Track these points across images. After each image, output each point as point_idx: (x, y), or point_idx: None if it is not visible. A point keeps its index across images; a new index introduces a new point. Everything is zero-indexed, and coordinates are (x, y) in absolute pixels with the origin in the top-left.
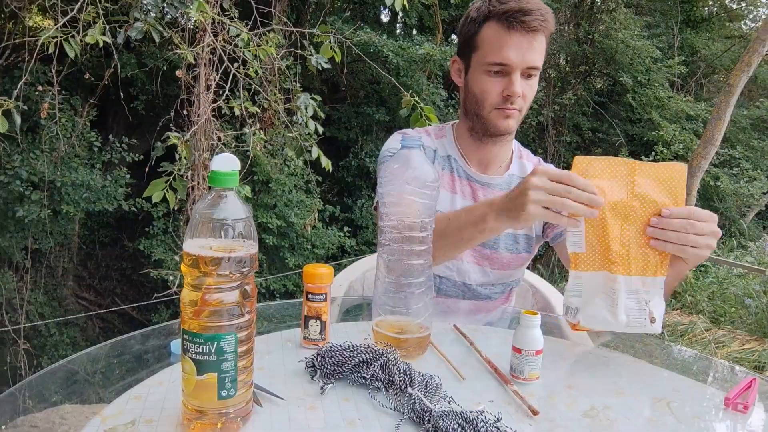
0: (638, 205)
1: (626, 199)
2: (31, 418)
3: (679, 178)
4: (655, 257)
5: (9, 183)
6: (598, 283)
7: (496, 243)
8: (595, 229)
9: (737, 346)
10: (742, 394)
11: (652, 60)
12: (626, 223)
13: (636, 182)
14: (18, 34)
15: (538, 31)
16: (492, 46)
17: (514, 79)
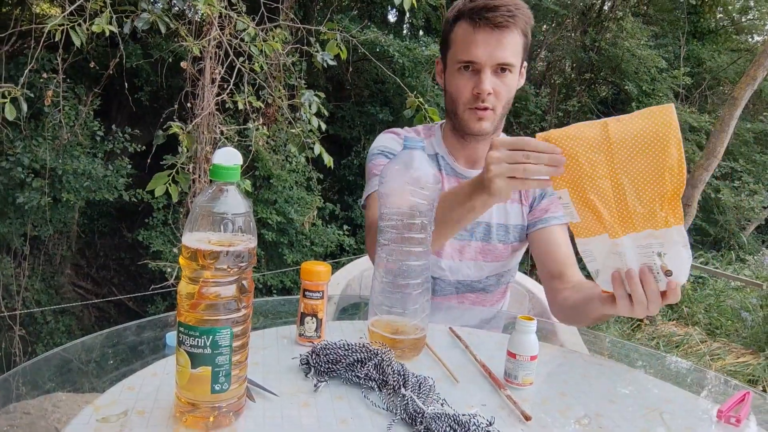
0: (624, 155)
1: (604, 155)
2: (24, 405)
3: (665, 119)
4: (662, 206)
5: (10, 169)
6: (605, 246)
7: (488, 234)
8: (580, 197)
9: (732, 359)
10: (735, 407)
11: (657, 70)
12: (615, 178)
13: (611, 134)
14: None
15: (506, 27)
16: (461, 45)
17: (483, 77)
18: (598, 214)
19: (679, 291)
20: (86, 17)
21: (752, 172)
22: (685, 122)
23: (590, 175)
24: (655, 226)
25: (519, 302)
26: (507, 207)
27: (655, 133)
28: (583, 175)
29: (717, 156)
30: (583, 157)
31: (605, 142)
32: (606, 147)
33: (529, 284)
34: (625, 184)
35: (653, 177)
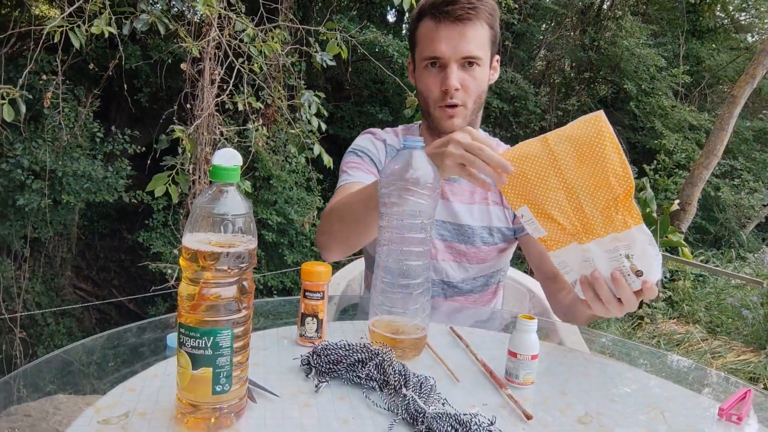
0: (568, 165)
1: (551, 167)
2: (25, 407)
3: (597, 127)
4: (617, 210)
5: (10, 171)
6: (577, 255)
7: (471, 237)
8: (540, 212)
9: (733, 357)
10: (736, 405)
11: (656, 68)
12: (568, 188)
13: (552, 147)
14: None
15: (468, 20)
16: (425, 42)
17: (449, 72)
18: (561, 226)
19: (655, 288)
20: (85, 18)
21: (752, 170)
22: (685, 121)
23: (542, 188)
24: (616, 229)
25: (519, 301)
26: (489, 209)
27: (590, 141)
28: (536, 190)
29: (717, 154)
30: (531, 172)
31: (549, 156)
32: (551, 160)
33: (530, 283)
34: (578, 193)
35: (600, 183)
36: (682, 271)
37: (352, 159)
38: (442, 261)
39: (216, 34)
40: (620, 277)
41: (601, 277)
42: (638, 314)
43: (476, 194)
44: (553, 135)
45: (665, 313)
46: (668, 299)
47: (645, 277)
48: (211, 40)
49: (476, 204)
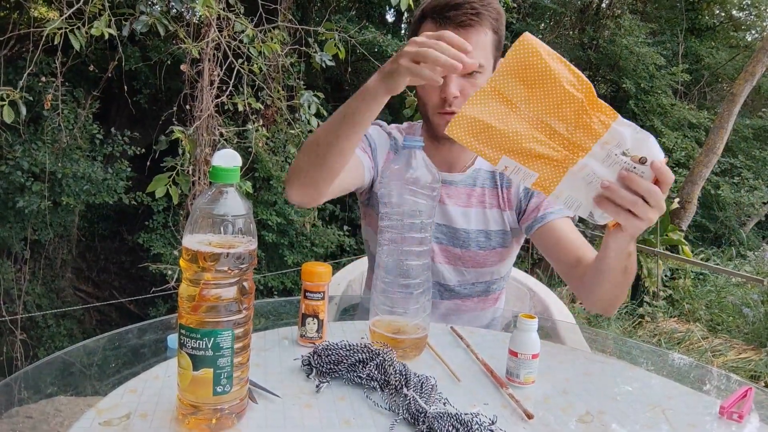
0: (522, 98)
1: (507, 107)
2: (26, 409)
3: (527, 48)
4: (590, 115)
5: (10, 173)
6: (576, 181)
7: (466, 241)
8: (520, 153)
9: (734, 355)
10: (738, 403)
11: (655, 67)
12: (535, 119)
13: (498, 88)
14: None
15: (471, 26)
16: None
17: (448, 81)
18: (547, 157)
19: (667, 168)
20: (85, 20)
21: (752, 168)
22: (684, 119)
23: (510, 131)
24: (599, 134)
25: (521, 301)
26: (486, 212)
27: (528, 64)
28: (506, 136)
29: (716, 152)
30: (492, 121)
31: (500, 99)
32: (503, 102)
33: (531, 283)
34: (545, 119)
35: (560, 98)
36: (683, 270)
37: None
38: (439, 264)
39: (215, 35)
40: (629, 174)
41: (613, 184)
42: (639, 313)
43: (473, 197)
44: (491, 80)
45: (666, 311)
46: (669, 298)
47: (650, 159)
48: (210, 41)
49: (473, 207)
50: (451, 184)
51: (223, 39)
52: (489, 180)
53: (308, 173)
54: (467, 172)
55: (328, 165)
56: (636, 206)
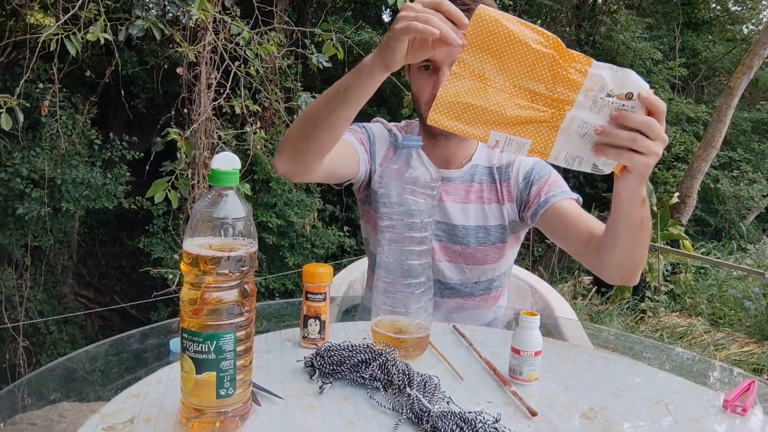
0: (494, 69)
1: (480, 83)
2: (30, 416)
3: (484, 19)
4: (564, 67)
5: (9, 180)
6: (571, 138)
7: (465, 238)
8: (506, 123)
9: (736, 349)
10: (741, 397)
11: (653, 62)
12: (514, 90)
13: (472, 70)
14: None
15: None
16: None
17: (440, 77)
18: (534, 120)
19: (655, 97)
20: (80, 26)
21: (751, 161)
22: (683, 113)
23: (493, 105)
24: (579, 83)
25: (522, 298)
26: (485, 208)
27: (491, 34)
28: (488, 109)
29: (715, 146)
30: (471, 98)
31: (473, 77)
32: (477, 79)
33: (532, 280)
34: (523, 83)
35: (531, 60)
36: (684, 264)
37: (353, 127)
38: (439, 262)
39: (212, 38)
40: (620, 112)
41: (607, 127)
42: (641, 308)
43: (471, 193)
44: (459, 60)
45: (668, 306)
46: (670, 292)
47: (637, 92)
48: (206, 44)
49: (471, 203)
50: (449, 181)
51: (220, 42)
52: (487, 175)
53: (297, 144)
54: (465, 168)
55: (317, 138)
56: (636, 142)
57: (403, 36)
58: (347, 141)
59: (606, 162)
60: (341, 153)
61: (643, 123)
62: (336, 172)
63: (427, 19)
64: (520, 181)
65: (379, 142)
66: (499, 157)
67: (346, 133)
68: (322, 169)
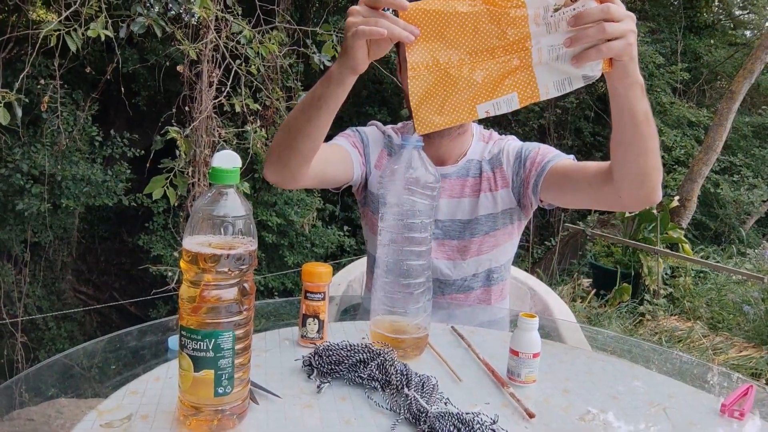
0: (446, 46)
1: (448, 74)
2: (27, 412)
3: (413, 13)
4: (503, 7)
5: (9, 176)
6: (547, 68)
7: (461, 232)
8: (488, 87)
9: (735, 353)
10: (739, 401)
11: (654, 65)
12: (472, 55)
13: (419, 57)
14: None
15: None
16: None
17: None
18: (506, 72)
19: None
20: (81, 22)
21: (751, 166)
22: (684, 117)
23: (461, 79)
24: (523, 17)
25: (521, 300)
26: (479, 200)
27: (422, 22)
28: (460, 88)
29: (716, 150)
30: (439, 88)
31: (427, 68)
32: (432, 67)
33: (531, 282)
34: (478, 47)
35: (471, 22)
36: (683, 268)
37: (347, 131)
38: (435, 259)
39: (213, 36)
40: (574, 16)
41: (571, 36)
42: (639, 311)
43: (466, 187)
44: (409, 60)
45: (666, 309)
46: (669, 296)
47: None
48: (208, 42)
49: (466, 197)
50: (445, 177)
51: (221, 40)
52: (478, 169)
53: (280, 154)
54: (459, 164)
55: (297, 147)
56: (606, 31)
57: (355, 41)
58: (339, 146)
59: (592, 66)
60: (333, 158)
61: (602, 11)
62: (329, 178)
63: (375, 22)
64: (512, 161)
65: (373, 144)
66: (490, 149)
67: (338, 138)
68: (312, 175)
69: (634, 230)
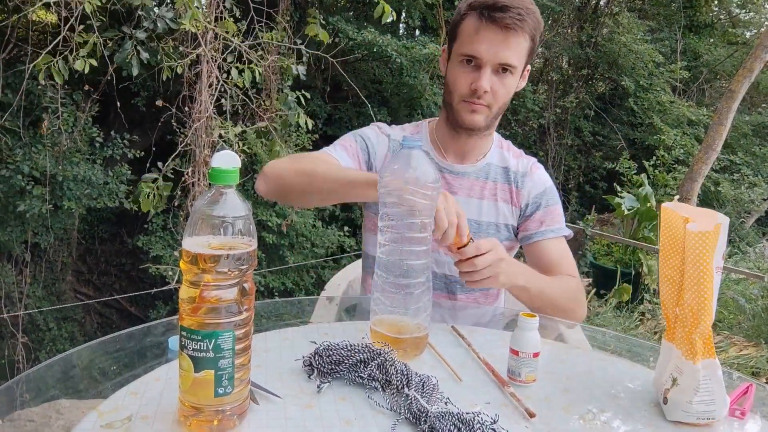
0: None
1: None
2: (28, 413)
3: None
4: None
5: (10, 177)
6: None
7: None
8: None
9: (735, 352)
10: (739, 400)
11: (654, 64)
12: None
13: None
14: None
15: (513, 29)
16: (466, 38)
17: (482, 74)
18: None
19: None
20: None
21: (751, 165)
22: (683, 116)
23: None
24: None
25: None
26: (498, 205)
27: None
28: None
29: (716, 149)
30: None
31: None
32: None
33: None
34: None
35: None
36: None
37: (347, 139)
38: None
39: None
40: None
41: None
42: (639, 310)
43: (486, 190)
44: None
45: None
46: None
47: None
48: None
49: (485, 200)
50: (464, 176)
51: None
52: (501, 175)
53: (288, 193)
54: (478, 165)
55: (306, 200)
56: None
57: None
58: (335, 159)
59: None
60: None
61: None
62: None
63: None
64: (532, 198)
65: (377, 148)
66: (515, 163)
67: (338, 149)
68: (311, 204)
69: (634, 229)
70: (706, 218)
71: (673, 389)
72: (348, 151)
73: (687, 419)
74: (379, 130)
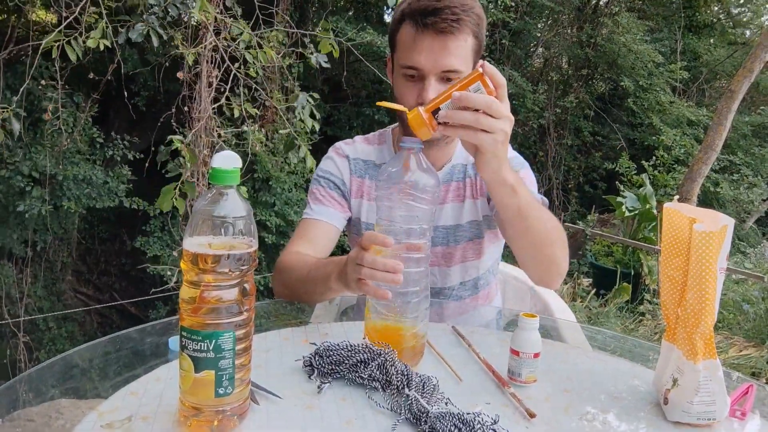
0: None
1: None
2: (28, 412)
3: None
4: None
5: (10, 178)
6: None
7: (445, 238)
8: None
9: (735, 352)
10: (740, 401)
11: (654, 64)
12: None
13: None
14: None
15: (450, 33)
16: (404, 49)
17: (427, 85)
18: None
19: (494, 69)
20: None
21: (751, 165)
22: (683, 116)
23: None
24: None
25: (521, 299)
26: (462, 206)
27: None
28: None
29: (715, 149)
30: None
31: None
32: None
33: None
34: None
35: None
36: None
37: (316, 188)
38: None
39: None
40: (461, 94)
41: (449, 111)
42: (639, 311)
43: (449, 193)
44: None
45: None
46: None
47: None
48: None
49: (448, 203)
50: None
51: (221, 42)
52: (463, 172)
53: (284, 295)
54: (444, 170)
55: (302, 301)
56: (477, 121)
57: (356, 287)
58: (319, 222)
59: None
60: (325, 243)
61: (484, 102)
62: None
63: (381, 278)
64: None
65: (344, 176)
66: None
67: (315, 208)
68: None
69: (634, 230)
70: (710, 219)
71: (674, 389)
72: (322, 201)
73: (687, 420)
74: (336, 155)
